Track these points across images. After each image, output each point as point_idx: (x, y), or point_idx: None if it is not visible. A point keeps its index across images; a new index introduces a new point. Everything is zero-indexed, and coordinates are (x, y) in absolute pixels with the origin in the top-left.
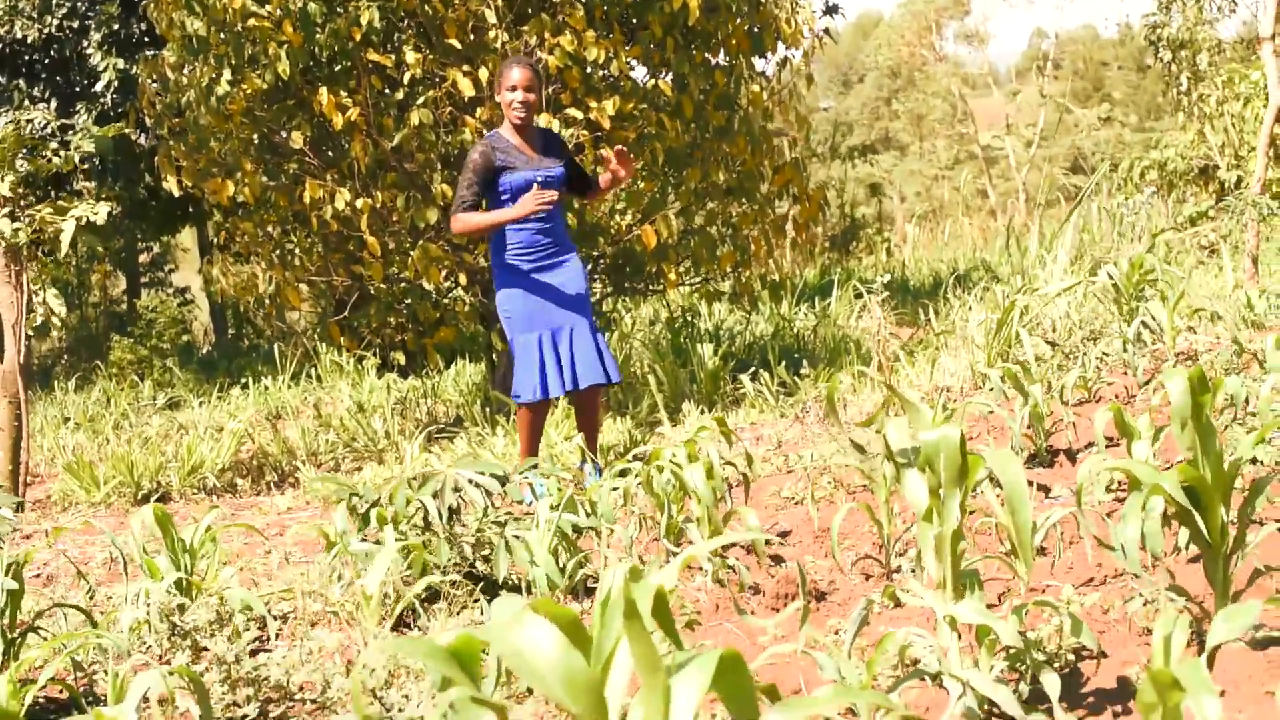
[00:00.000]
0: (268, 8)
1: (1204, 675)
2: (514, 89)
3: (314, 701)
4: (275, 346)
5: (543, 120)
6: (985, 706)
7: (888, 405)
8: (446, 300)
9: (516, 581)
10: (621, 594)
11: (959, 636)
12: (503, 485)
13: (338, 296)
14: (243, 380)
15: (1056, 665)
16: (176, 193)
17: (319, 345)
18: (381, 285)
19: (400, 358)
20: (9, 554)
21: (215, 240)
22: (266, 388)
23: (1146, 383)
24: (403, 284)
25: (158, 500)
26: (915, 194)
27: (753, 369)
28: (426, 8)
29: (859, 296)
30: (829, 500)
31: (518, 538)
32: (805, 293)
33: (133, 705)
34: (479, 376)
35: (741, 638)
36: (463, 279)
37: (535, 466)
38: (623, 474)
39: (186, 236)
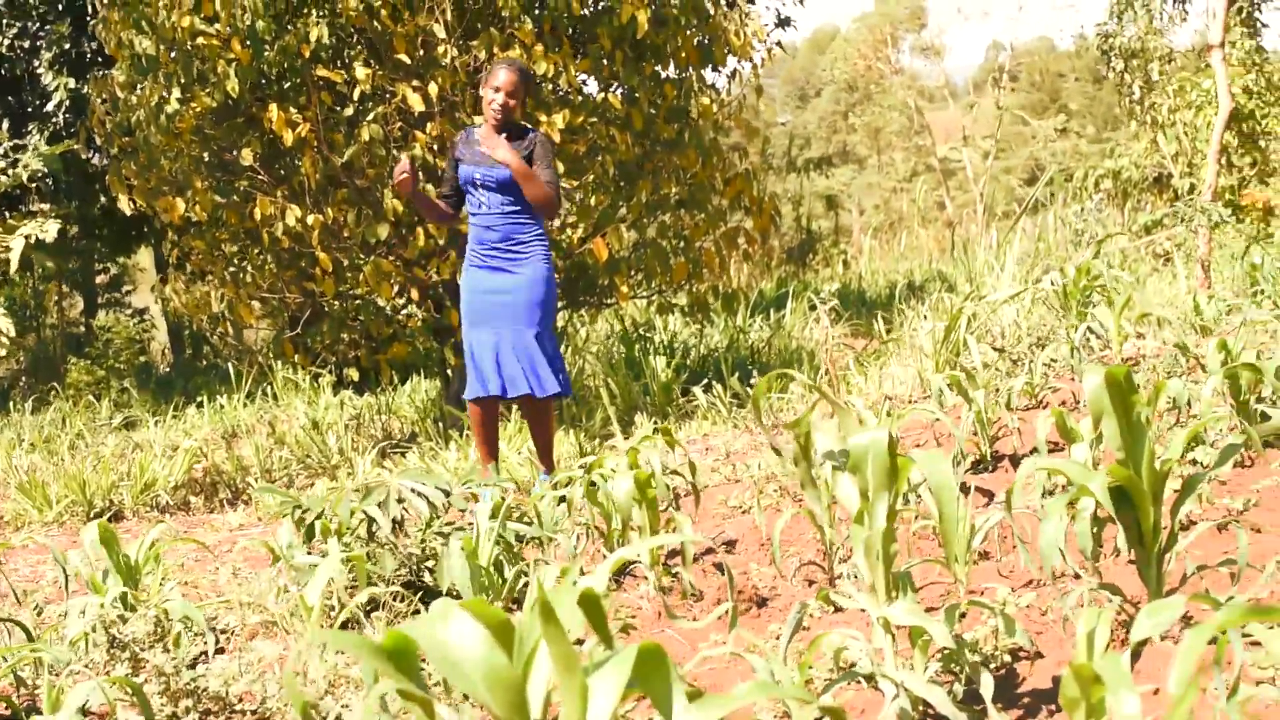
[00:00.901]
0: (216, 26)
1: (1124, 670)
2: (497, 90)
3: (253, 712)
4: (230, 365)
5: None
6: (920, 708)
7: (829, 410)
8: (399, 316)
9: (460, 592)
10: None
11: (893, 638)
12: (446, 497)
13: (291, 313)
14: (199, 399)
15: (993, 666)
16: (128, 211)
17: (274, 363)
18: (334, 301)
19: (354, 374)
20: None
21: (169, 259)
22: (222, 406)
23: None
24: (355, 300)
25: (110, 518)
26: (874, 206)
27: (706, 381)
28: (375, 23)
29: (814, 308)
30: (775, 508)
31: (460, 547)
32: (761, 305)
33: (69, 715)
34: (434, 392)
35: (682, 643)
36: (414, 294)
37: (493, 475)
38: (568, 483)
39: (144, 256)
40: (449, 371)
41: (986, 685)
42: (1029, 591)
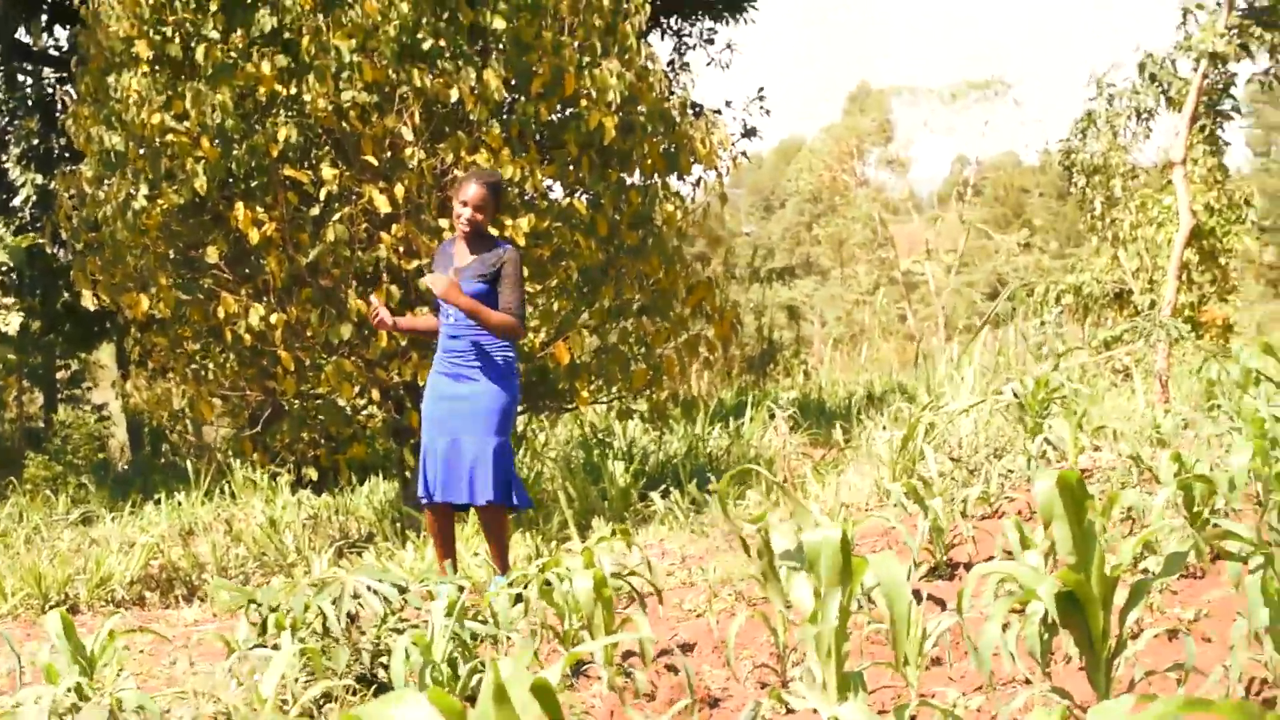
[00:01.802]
0: (186, 124)
1: None
2: (465, 204)
3: None
4: (190, 463)
5: None
6: None
7: (780, 504)
8: (359, 416)
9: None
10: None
11: None
12: (402, 594)
13: (251, 411)
14: (157, 497)
15: None
16: (92, 306)
17: (233, 461)
18: (294, 400)
19: (313, 473)
20: None
21: (131, 356)
22: (180, 504)
23: None
24: (316, 399)
25: (66, 612)
26: (836, 318)
27: (664, 487)
28: (344, 124)
29: (773, 417)
30: (730, 612)
31: (414, 644)
32: (720, 413)
33: None
34: (392, 493)
35: None
36: (375, 394)
37: (450, 574)
38: (525, 583)
39: (105, 352)
40: (407, 473)
41: None
42: (979, 695)
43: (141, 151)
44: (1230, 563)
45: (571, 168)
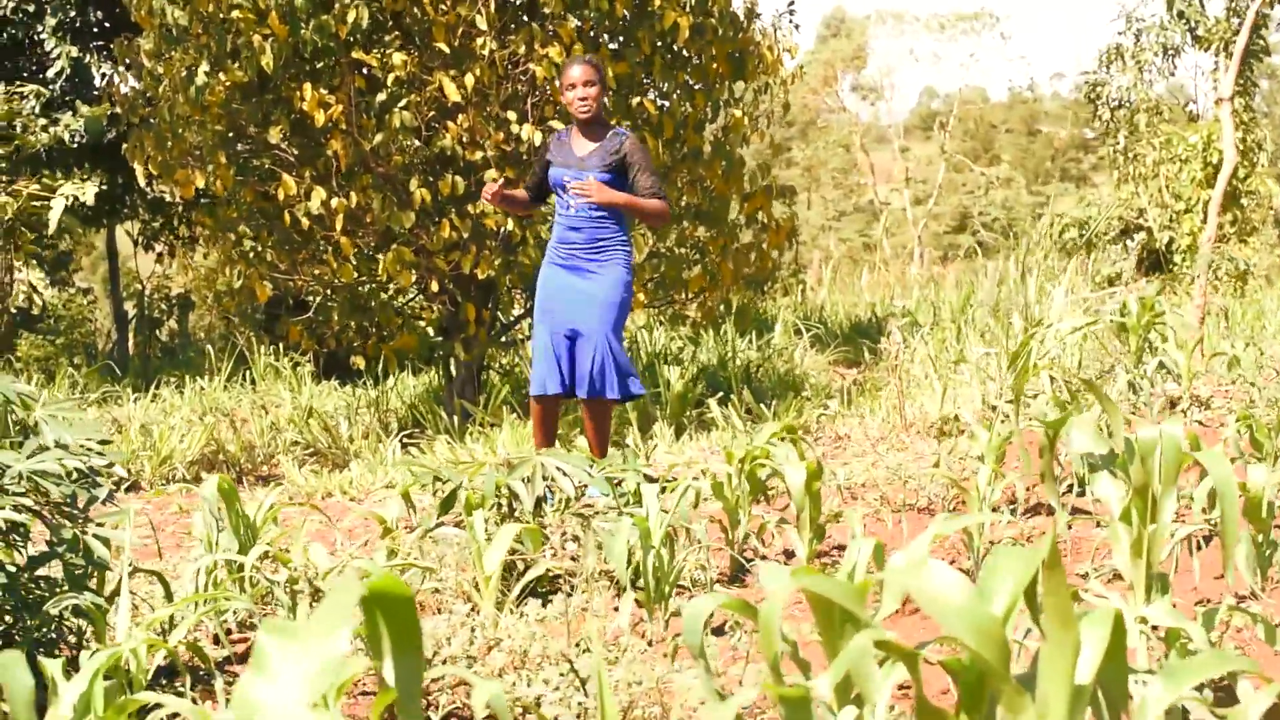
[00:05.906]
0: (252, 0)
1: None
2: (573, 86)
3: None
4: (209, 348)
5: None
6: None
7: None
8: (408, 307)
9: (602, 576)
10: (1046, 545)
11: (1147, 639)
12: (590, 478)
13: (298, 297)
14: (162, 381)
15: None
16: (143, 182)
17: (254, 349)
18: (341, 288)
19: (360, 362)
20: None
21: (139, 239)
22: (203, 389)
23: None
24: (367, 287)
25: (127, 489)
26: (800, 243)
27: (720, 395)
28: (416, 10)
29: (798, 333)
30: (876, 517)
31: (636, 527)
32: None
33: None
34: (421, 388)
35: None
36: (434, 285)
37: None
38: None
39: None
40: (452, 367)
41: (1247, 695)
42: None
43: (204, 27)
44: None
45: (640, 66)
